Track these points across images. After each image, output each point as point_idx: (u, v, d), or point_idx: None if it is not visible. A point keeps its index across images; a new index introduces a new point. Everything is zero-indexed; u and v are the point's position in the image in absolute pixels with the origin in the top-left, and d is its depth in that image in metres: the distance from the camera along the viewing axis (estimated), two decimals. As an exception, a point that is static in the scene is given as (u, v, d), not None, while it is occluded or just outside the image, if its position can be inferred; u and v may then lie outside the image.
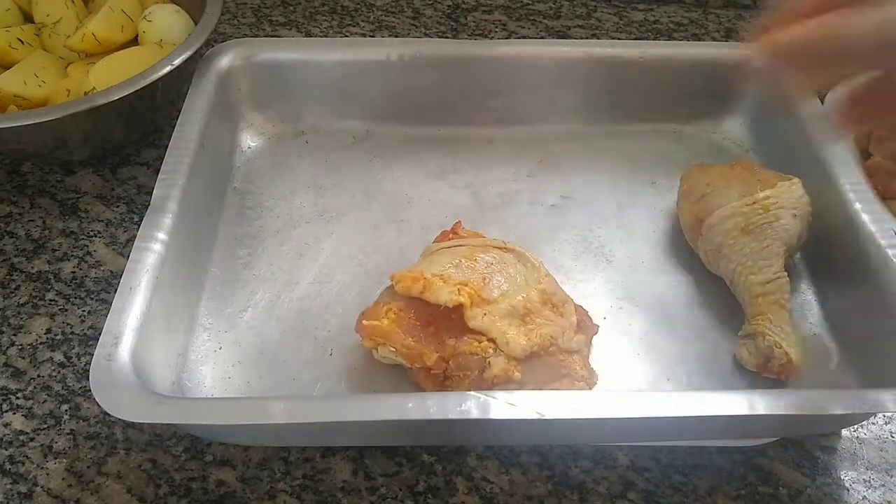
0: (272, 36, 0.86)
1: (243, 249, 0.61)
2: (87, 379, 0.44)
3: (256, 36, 0.86)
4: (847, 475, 0.51)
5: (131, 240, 0.60)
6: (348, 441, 0.51)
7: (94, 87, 0.62)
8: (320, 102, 0.70)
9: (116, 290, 0.48)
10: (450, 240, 0.56)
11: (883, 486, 0.50)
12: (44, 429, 0.52)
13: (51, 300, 0.59)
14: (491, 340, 0.48)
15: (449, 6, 0.91)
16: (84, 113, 0.59)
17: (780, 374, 0.51)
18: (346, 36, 0.86)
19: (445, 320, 0.49)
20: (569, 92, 0.70)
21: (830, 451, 0.52)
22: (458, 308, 0.48)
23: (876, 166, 0.65)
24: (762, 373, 0.52)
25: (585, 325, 0.53)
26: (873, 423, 0.53)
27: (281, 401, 0.43)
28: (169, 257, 0.51)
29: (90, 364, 0.44)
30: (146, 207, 0.54)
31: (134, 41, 0.70)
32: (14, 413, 0.53)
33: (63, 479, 0.49)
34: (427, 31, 0.87)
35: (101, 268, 0.62)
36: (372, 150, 0.69)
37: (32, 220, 0.65)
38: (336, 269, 0.60)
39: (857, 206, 0.56)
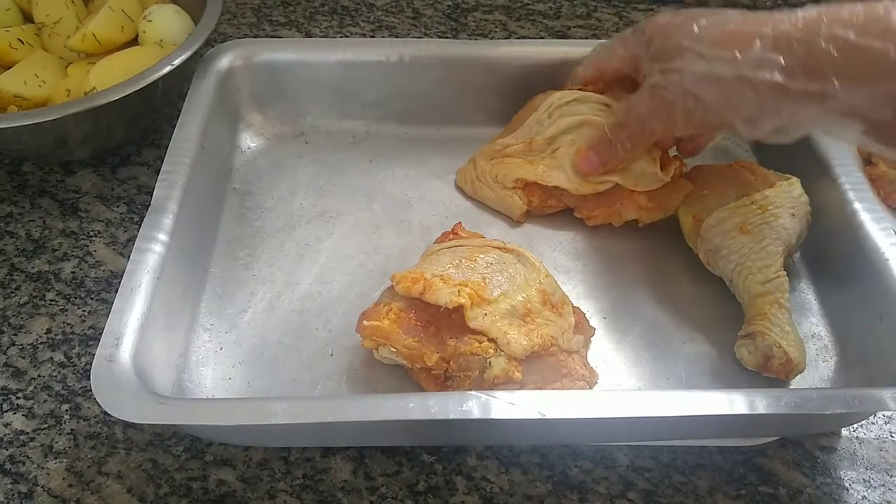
0: (272, 36, 0.86)
1: (243, 250, 0.61)
2: (88, 379, 0.44)
3: (256, 36, 0.86)
4: (847, 475, 0.51)
5: (131, 240, 0.60)
6: (349, 441, 0.51)
7: (94, 87, 0.62)
8: (320, 102, 0.70)
9: (117, 290, 0.48)
10: (450, 240, 0.56)
11: (883, 486, 0.50)
12: (44, 429, 0.52)
13: (51, 300, 0.59)
14: (492, 340, 0.48)
15: (449, 6, 0.91)
16: (84, 113, 0.59)
17: (780, 373, 0.51)
18: (346, 36, 0.86)
19: (446, 320, 0.49)
20: (569, 92, 0.70)
21: (830, 451, 0.52)
22: (459, 308, 0.48)
23: (880, 175, 0.65)
24: (762, 372, 0.52)
25: (583, 327, 0.53)
26: (873, 423, 0.53)
27: (282, 401, 0.43)
28: (169, 258, 0.51)
29: (90, 364, 0.44)
30: (146, 207, 0.54)
31: (134, 41, 0.70)
32: (14, 413, 0.53)
33: (63, 478, 0.49)
34: (427, 31, 0.87)
35: (102, 268, 0.62)
36: (372, 150, 0.69)
37: (32, 220, 0.65)
38: (336, 270, 0.60)
39: (857, 206, 0.56)
